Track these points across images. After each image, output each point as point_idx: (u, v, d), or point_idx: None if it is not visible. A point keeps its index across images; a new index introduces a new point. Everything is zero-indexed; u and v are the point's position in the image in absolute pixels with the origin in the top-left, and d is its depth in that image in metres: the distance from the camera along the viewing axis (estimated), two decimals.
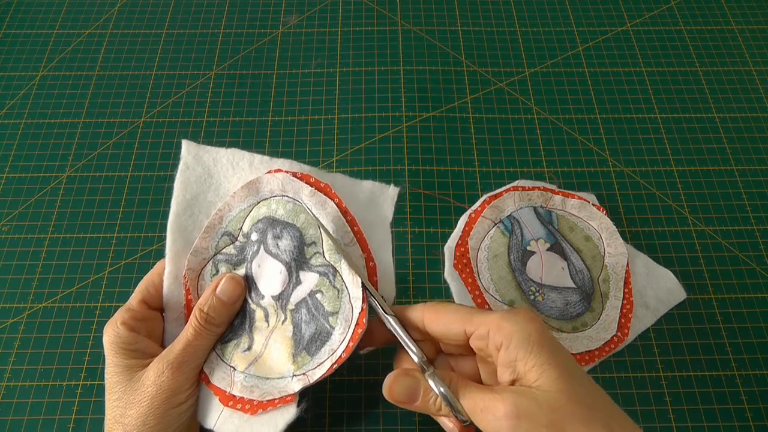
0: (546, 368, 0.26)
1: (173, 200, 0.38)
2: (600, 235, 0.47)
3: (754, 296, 0.46)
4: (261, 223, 0.37)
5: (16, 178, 0.51)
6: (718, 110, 0.55)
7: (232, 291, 0.35)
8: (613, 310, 0.44)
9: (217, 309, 0.34)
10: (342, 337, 0.33)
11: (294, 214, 0.36)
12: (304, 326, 0.35)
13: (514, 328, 0.28)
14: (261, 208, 0.38)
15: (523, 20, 0.61)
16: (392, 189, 0.39)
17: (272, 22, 0.61)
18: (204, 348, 0.34)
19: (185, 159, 0.39)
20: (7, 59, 0.58)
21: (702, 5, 0.63)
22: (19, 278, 0.46)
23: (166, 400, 0.32)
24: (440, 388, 0.29)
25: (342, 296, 0.34)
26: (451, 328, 0.30)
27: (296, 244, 0.36)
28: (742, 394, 0.42)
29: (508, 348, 0.28)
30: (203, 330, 0.34)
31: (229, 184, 0.39)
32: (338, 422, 0.41)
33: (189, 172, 0.39)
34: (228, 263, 0.37)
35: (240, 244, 0.38)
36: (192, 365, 0.33)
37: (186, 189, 0.39)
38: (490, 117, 0.55)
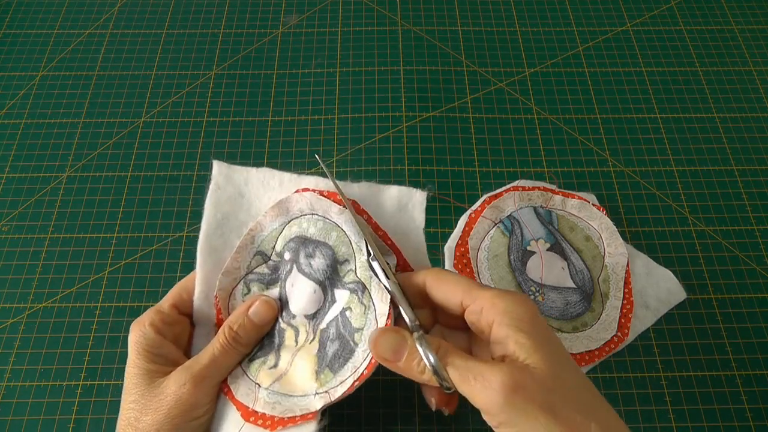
0: (536, 349, 0.26)
1: (204, 221, 0.38)
2: (600, 235, 0.47)
3: (754, 296, 0.46)
4: (293, 242, 0.37)
5: (16, 178, 0.51)
6: (718, 110, 0.55)
7: (265, 314, 0.35)
8: (613, 310, 0.44)
9: (247, 329, 0.34)
10: (365, 354, 0.33)
11: (325, 232, 0.36)
12: (329, 344, 0.34)
13: (507, 306, 0.28)
14: (292, 227, 0.37)
15: (523, 20, 0.61)
16: (420, 194, 0.38)
17: (272, 22, 0.61)
18: (228, 365, 0.34)
19: (216, 179, 0.39)
20: (7, 59, 0.58)
21: (702, 5, 0.63)
22: (19, 278, 0.46)
23: (184, 413, 0.31)
24: (427, 353, 0.28)
25: (368, 313, 0.34)
26: (449, 297, 0.30)
27: (329, 262, 0.35)
28: (742, 394, 0.42)
29: (500, 324, 0.28)
30: (230, 348, 0.33)
31: (260, 204, 0.39)
32: (338, 422, 0.41)
33: (220, 192, 0.39)
34: (260, 282, 0.37)
35: (273, 263, 0.37)
36: (214, 381, 0.33)
37: (217, 209, 0.38)
38: (490, 117, 0.55)
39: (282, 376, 0.34)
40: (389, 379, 0.42)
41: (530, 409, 0.25)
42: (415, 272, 0.33)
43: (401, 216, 0.38)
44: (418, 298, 0.33)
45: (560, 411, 0.25)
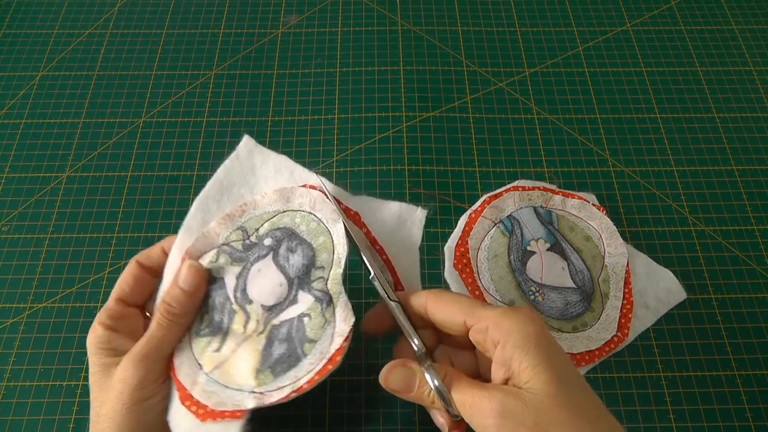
0: (539, 370, 0.26)
1: (210, 180, 0.39)
2: (600, 235, 0.47)
3: (754, 296, 0.46)
4: (280, 231, 0.37)
5: (16, 178, 0.51)
6: (718, 110, 0.56)
7: (192, 279, 0.34)
8: (613, 310, 0.44)
9: (178, 299, 0.34)
10: (310, 368, 0.33)
11: (315, 234, 0.36)
12: (277, 344, 0.34)
13: (512, 327, 0.28)
14: (285, 217, 0.37)
15: (523, 20, 0.61)
16: (420, 212, 0.38)
17: (272, 22, 0.61)
18: (167, 340, 0.33)
19: (239, 151, 0.40)
20: (7, 59, 0.58)
21: (702, 5, 0.63)
22: (19, 278, 0.46)
23: (131, 395, 0.31)
24: (435, 382, 0.29)
25: (327, 327, 0.33)
26: (453, 318, 0.31)
27: (306, 263, 0.35)
28: (742, 394, 0.42)
29: (504, 346, 0.28)
30: (165, 321, 0.33)
31: (266, 186, 0.39)
32: (338, 422, 0.41)
33: (236, 163, 0.39)
34: (230, 256, 0.37)
35: (248, 243, 0.37)
36: (154, 358, 0.32)
37: (226, 176, 0.39)
38: (490, 117, 0.55)
39: (223, 363, 0.34)
40: None
41: None
42: (414, 294, 0.33)
43: (400, 232, 0.38)
44: (421, 320, 0.33)
45: (552, 431, 0.25)
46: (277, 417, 0.41)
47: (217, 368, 0.34)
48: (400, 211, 0.38)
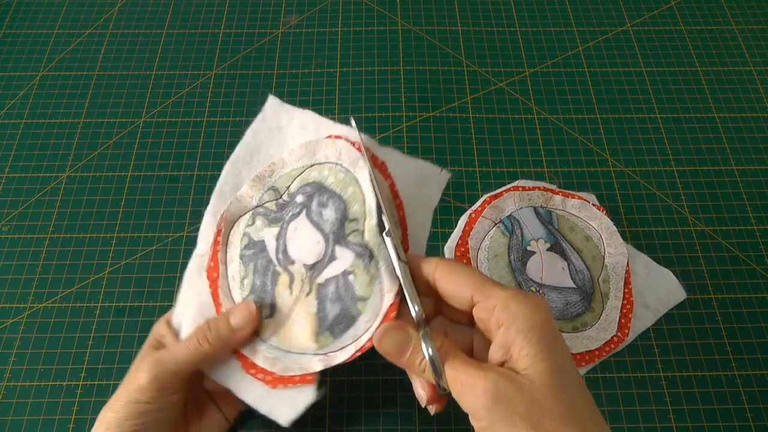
0: (538, 359, 0.26)
1: (240, 144, 0.39)
2: (600, 235, 0.47)
3: (754, 296, 0.46)
4: (309, 187, 0.36)
5: (16, 178, 0.51)
6: (718, 110, 0.55)
7: (242, 319, 0.33)
8: (613, 310, 0.44)
9: (220, 331, 0.33)
10: (368, 326, 0.32)
11: (344, 184, 0.35)
12: (329, 305, 0.33)
13: (520, 311, 0.27)
14: (312, 171, 0.37)
15: (523, 20, 0.61)
16: (444, 174, 0.37)
17: (272, 22, 0.61)
18: (189, 361, 0.33)
19: (265, 111, 0.40)
20: (7, 59, 0.58)
21: (702, 5, 0.63)
22: (19, 278, 0.46)
23: (132, 392, 0.32)
24: (429, 351, 0.28)
25: (374, 283, 0.33)
26: (461, 290, 0.30)
27: (339, 216, 0.34)
28: (742, 394, 0.42)
29: (509, 329, 0.27)
30: (194, 343, 0.33)
31: (293, 143, 0.39)
32: (338, 422, 0.41)
33: (262, 123, 0.40)
34: (265, 218, 0.37)
35: (282, 202, 0.37)
36: (166, 368, 0.32)
37: (254, 138, 0.39)
38: (490, 117, 0.55)
39: (279, 329, 0.34)
40: (390, 380, 0.42)
41: (511, 418, 0.25)
42: (425, 259, 0.32)
43: (420, 189, 0.37)
44: (425, 286, 0.32)
45: (543, 422, 0.25)
46: None
47: (275, 334, 0.34)
48: (424, 170, 0.37)
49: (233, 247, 0.37)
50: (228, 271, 0.37)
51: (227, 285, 0.36)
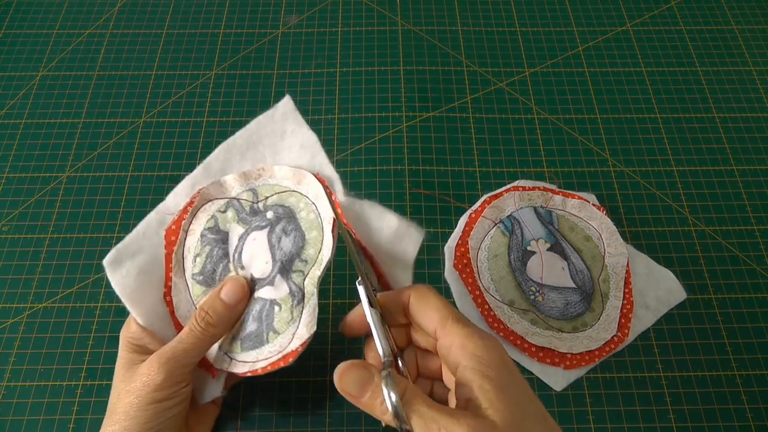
0: (497, 399, 0.26)
1: (241, 130, 0.40)
2: (600, 235, 0.47)
3: (754, 296, 0.46)
4: (282, 209, 0.37)
5: (16, 178, 0.51)
6: (718, 110, 0.56)
7: (234, 293, 0.35)
8: (613, 310, 0.44)
9: (217, 310, 0.34)
10: (269, 356, 0.34)
11: (310, 226, 0.36)
12: (250, 320, 0.35)
13: (476, 351, 0.27)
14: (291, 197, 0.38)
15: (523, 20, 0.61)
16: (417, 234, 0.36)
17: (272, 22, 0.61)
18: (197, 348, 0.34)
19: (277, 108, 0.40)
20: (7, 59, 0.58)
21: (702, 5, 0.63)
22: (19, 278, 0.46)
23: (150, 394, 0.32)
24: (391, 395, 0.26)
25: (291, 325, 0.34)
26: (427, 323, 0.30)
27: (293, 250, 0.36)
28: (742, 394, 0.42)
29: (465, 369, 0.27)
30: (198, 329, 0.33)
31: (288, 157, 0.39)
32: (338, 422, 0.41)
33: (269, 121, 0.40)
34: (237, 214, 0.38)
35: (255, 208, 0.38)
36: (181, 363, 0.33)
37: (257, 130, 0.40)
38: (490, 117, 0.55)
39: None
40: None
41: None
42: (402, 289, 0.32)
43: (395, 246, 0.37)
44: (400, 316, 0.32)
45: None
46: (277, 416, 0.41)
47: None
48: (398, 226, 0.37)
49: (198, 222, 0.38)
50: (186, 241, 0.38)
51: (182, 253, 0.38)
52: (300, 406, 0.41)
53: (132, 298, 0.35)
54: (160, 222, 0.38)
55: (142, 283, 0.36)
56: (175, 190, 0.39)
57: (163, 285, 0.37)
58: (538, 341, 0.42)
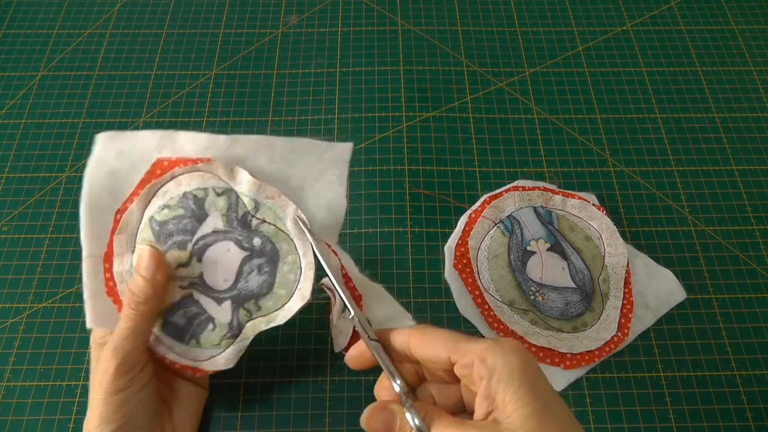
0: (521, 405, 0.26)
1: (287, 139, 0.37)
2: (600, 235, 0.47)
3: (754, 296, 0.46)
4: (271, 249, 0.35)
5: (16, 178, 0.51)
6: (718, 110, 0.55)
7: (149, 263, 0.34)
8: (613, 310, 0.44)
9: (140, 287, 0.33)
10: (179, 353, 0.35)
11: (283, 283, 0.35)
12: (180, 311, 0.35)
13: (497, 361, 0.28)
14: (285, 244, 0.35)
15: (523, 20, 0.61)
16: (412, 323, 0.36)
17: (272, 22, 0.61)
18: (137, 330, 0.33)
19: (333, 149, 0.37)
20: (7, 59, 0.58)
21: (702, 5, 0.63)
22: (19, 278, 0.46)
23: (109, 385, 0.32)
24: (415, 421, 0.28)
25: (213, 350, 0.35)
26: (437, 354, 0.30)
27: (255, 292, 0.35)
28: (742, 394, 0.42)
29: (489, 381, 0.27)
30: (130, 311, 0.33)
31: (309, 202, 0.36)
32: (338, 422, 0.41)
33: (317, 155, 0.37)
34: (228, 209, 0.35)
35: (247, 220, 0.35)
36: (125, 349, 0.33)
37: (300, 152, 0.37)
38: (490, 117, 0.55)
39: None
40: None
41: None
42: (397, 331, 0.32)
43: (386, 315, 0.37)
44: (402, 356, 0.32)
45: None
46: (277, 416, 0.41)
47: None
48: (391, 312, 0.38)
49: (189, 181, 0.36)
50: (168, 185, 0.36)
51: (156, 191, 0.36)
52: (300, 406, 0.41)
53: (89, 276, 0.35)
54: (158, 146, 0.36)
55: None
56: (194, 135, 0.36)
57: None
58: (538, 341, 0.42)
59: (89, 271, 0.35)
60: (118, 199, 0.36)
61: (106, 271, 0.35)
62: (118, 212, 0.36)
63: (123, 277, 0.35)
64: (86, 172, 0.36)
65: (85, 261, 0.35)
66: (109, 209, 0.36)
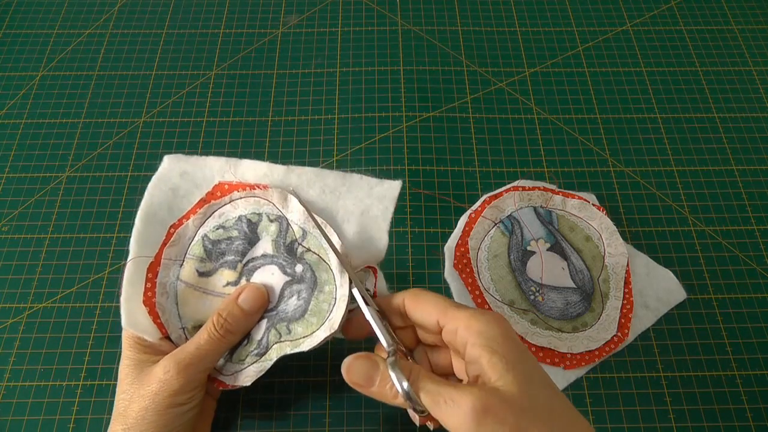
0: (507, 370, 0.27)
1: (339, 173, 0.39)
2: (600, 235, 0.47)
3: (754, 296, 0.46)
4: (311, 277, 0.36)
5: (16, 178, 0.51)
6: (718, 110, 0.55)
7: (254, 301, 0.35)
8: (613, 310, 0.44)
9: (235, 316, 0.34)
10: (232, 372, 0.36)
11: (316, 311, 0.35)
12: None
13: (481, 327, 0.28)
14: (324, 274, 0.36)
15: (523, 20, 0.61)
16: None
17: (272, 22, 0.61)
18: (214, 353, 0.34)
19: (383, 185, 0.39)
20: (7, 59, 0.58)
21: (702, 5, 0.63)
22: (19, 278, 0.46)
23: (168, 399, 0.32)
24: (399, 378, 0.28)
25: (236, 365, 0.36)
26: (427, 317, 0.31)
27: (290, 316, 0.36)
28: (742, 394, 0.42)
29: (474, 345, 0.28)
30: (217, 336, 0.33)
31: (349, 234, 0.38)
32: (338, 422, 0.41)
33: (366, 190, 0.38)
34: (279, 234, 0.37)
35: (294, 247, 0.37)
36: (198, 369, 0.33)
37: (351, 186, 0.38)
38: (490, 117, 0.55)
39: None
40: None
41: (503, 430, 0.25)
42: (394, 294, 0.33)
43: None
44: (399, 319, 0.33)
45: (531, 430, 0.25)
46: (277, 416, 0.41)
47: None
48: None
49: (244, 205, 0.38)
50: (225, 207, 0.38)
51: (212, 212, 0.38)
52: (300, 406, 0.41)
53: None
54: (220, 170, 0.39)
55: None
56: (255, 163, 0.38)
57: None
58: (538, 341, 0.42)
59: (131, 274, 0.36)
60: (174, 215, 0.38)
61: (148, 281, 0.36)
62: (173, 227, 0.38)
63: (165, 288, 0.36)
64: (149, 186, 0.38)
65: (129, 263, 0.36)
66: (163, 223, 0.38)
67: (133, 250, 0.37)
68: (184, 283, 0.37)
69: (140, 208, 0.38)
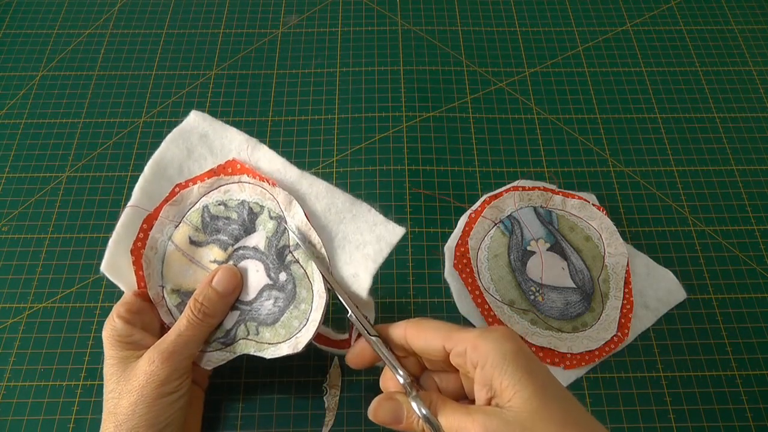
0: (519, 387, 0.27)
1: (344, 194, 0.38)
2: (600, 235, 0.47)
3: (754, 296, 0.46)
4: (292, 288, 0.36)
5: (16, 178, 0.51)
6: (718, 110, 0.55)
7: (227, 282, 0.35)
8: (613, 310, 0.44)
9: (211, 299, 0.34)
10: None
11: (286, 324, 0.35)
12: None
13: (489, 347, 0.28)
14: (304, 291, 0.36)
15: (523, 20, 0.61)
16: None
17: (272, 22, 0.61)
18: (196, 338, 0.34)
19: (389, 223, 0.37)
20: (7, 59, 0.58)
21: (702, 5, 0.63)
22: (19, 278, 0.46)
23: (156, 389, 0.32)
24: (422, 410, 0.29)
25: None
26: (431, 344, 0.31)
27: (260, 320, 0.36)
28: (742, 394, 0.42)
29: (483, 367, 0.28)
30: (196, 320, 0.34)
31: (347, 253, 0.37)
32: (338, 422, 0.41)
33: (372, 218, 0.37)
34: (274, 234, 0.37)
35: (284, 252, 0.37)
36: (182, 356, 0.33)
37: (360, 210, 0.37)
38: (490, 117, 0.55)
39: None
40: None
41: None
42: (394, 325, 0.33)
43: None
44: (401, 349, 0.33)
45: None
46: (277, 416, 0.41)
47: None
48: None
49: (249, 191, 0.38)
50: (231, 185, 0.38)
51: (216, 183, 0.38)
52: (300, 406, 0.41)
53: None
54: (238, 147, 0.39)
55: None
56: (272, 154, 0.38)
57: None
58: (538, 341, 0.42)
59: (126, 219, 0.37)
60: (183, 175, 0.38)
61: (141, 231, 0.36)
62: (178, 186, 0.38)
63: (156, 244, 0.37)
64: (167, 138, 0.39)
65: (127, 209, 0.37)
66: (170, 180, 0.38)
67: (136, 196, 0.37)
68: (174, 245, 0.37)
69: (152, 157, 0.38)
